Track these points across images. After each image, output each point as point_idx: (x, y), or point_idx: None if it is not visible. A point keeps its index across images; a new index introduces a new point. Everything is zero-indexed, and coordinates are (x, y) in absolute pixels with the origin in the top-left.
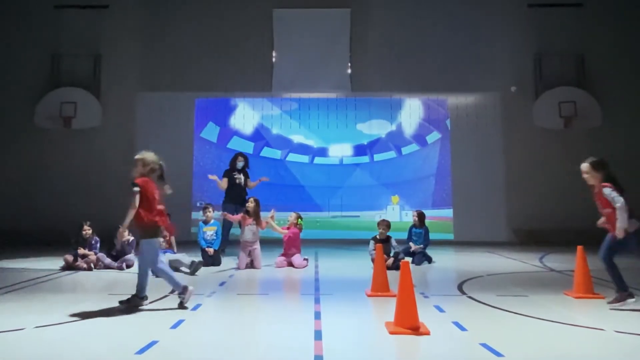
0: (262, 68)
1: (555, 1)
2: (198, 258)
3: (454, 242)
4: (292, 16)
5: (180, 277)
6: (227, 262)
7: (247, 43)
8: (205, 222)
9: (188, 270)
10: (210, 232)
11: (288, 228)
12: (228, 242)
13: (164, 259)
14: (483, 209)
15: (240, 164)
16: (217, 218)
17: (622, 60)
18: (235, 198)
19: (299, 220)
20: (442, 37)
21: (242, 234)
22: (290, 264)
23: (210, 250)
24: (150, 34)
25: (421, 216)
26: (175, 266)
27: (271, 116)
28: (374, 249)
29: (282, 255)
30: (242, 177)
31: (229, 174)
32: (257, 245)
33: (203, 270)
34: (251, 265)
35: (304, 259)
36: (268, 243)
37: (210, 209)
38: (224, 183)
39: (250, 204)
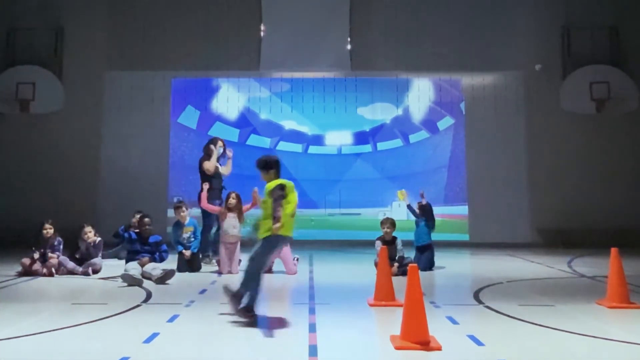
0: (248, 43)
1: None
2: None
3: (469, 243)
4: None
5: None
6: (207, 265)
7: (231, 14)
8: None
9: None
10: (186, 233)
11: None
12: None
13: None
14: (503, 206)
15: (221, 149)
16: (194, 216)
17: None
18: (219, 192)
19: None
20: (456, 8)
21: (222, 230)
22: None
23: (187, 254)
24: (119, 3)
25: (422, 208)
26: (147, 276)
27: (259, 99)
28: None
29: None
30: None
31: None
32: (238, 246)
33: (181, 277)
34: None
35: (294, 258)
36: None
37: (184, 208)
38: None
39: (233, 200)
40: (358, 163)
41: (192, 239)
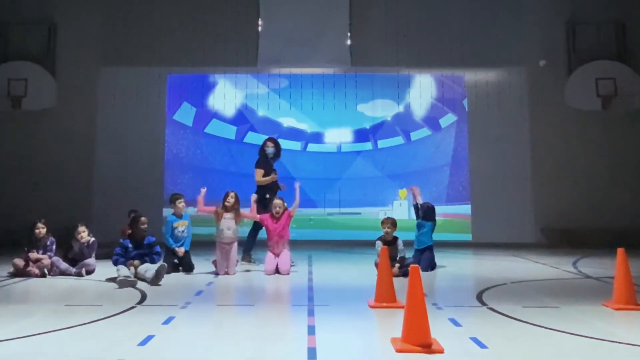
0: (245, 38)
1: None
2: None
3: (472, 243)
4: None
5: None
6: (204, 266)
7: (227, 9)
8: (176, 216)
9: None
10: (181, 227)
11: (272, 215)
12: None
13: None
14: (506, 205)
15: (270, 150)
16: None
17: None
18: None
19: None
20: (458, 2)
21: (218, 230)
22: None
23: (181, 251)
24: None
25: (427, 210)
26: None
27: (257, 95)
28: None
29: (269, 249)
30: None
31: (265, 164)
32: (235, 247)
33: (177, 277)
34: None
35: (292, 264)
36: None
37: (182, 200)
38: (269, 177)
39: (231, 199)
40: (358, 161)
41: (186, 235)
